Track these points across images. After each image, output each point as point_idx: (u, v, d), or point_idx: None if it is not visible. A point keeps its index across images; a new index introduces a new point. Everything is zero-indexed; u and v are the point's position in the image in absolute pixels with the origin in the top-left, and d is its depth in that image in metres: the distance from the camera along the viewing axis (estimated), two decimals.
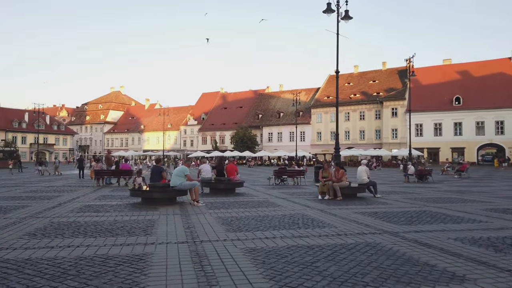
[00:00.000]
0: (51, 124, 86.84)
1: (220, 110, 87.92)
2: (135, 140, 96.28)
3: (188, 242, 5.17)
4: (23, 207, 8.94)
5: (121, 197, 11.53)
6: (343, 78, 75.98)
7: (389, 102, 64.23)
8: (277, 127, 76.27)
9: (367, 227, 6.38)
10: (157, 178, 10.26)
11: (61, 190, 13.92)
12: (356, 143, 67.22)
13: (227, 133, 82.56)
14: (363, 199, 10.82)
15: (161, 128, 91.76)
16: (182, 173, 9.46)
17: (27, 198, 11.06)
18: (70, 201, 10.39)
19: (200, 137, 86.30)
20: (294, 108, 75.87)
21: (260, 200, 10.61)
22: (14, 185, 17.03)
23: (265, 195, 12.15)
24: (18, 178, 23.79)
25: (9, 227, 6.27)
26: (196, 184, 9.51)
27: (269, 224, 6.63)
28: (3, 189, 14.63)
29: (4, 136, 73.64)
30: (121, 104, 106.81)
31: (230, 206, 9.26)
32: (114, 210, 8.55)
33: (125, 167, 16.70)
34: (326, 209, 8.65)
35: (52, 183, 18.50)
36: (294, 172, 17.60)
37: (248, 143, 72.08)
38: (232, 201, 10.47)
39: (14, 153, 51.22)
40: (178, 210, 8.57)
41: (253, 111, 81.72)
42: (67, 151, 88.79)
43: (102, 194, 12.54)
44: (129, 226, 6.49)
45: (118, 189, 14.88)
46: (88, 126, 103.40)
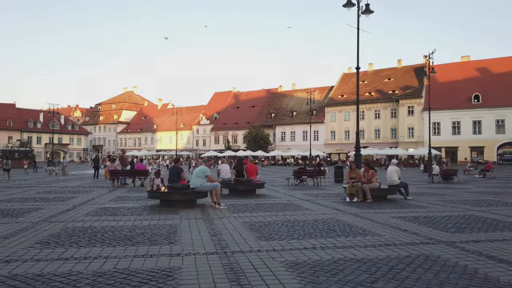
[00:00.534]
0: (65, 124, 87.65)
1: (233, 109, 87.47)
2: (148, 140, 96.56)
3: (218, 253, 4.56)
4: (36, 209, 8.47)
5: (137, 198, 11.02)
6: None
7: (405, 100, 62.82)
8: (290, 126, 75.45)
9: (415, 235, 5.68)
10: (175, 179, 9.70)
11: (76, 191, 13.50)
12: (371, 142, 65.98)
13: (239, 133, 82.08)
14: (395, 202, 10.08)
15: (173, 127, 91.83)
16: (202, 173, 8.88)
17: (41, 199, 10.63)
18: (85, 203, 9.91)
19: (212, 137, 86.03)
20: (308, 107, 74.99)
21: (284, 203, 9.96)
22: (29, 185, 16.73)
23: (287, 197, 11.49)
24: (32, 178, 23.62)
25: (20, 234, 5.76)
26: (218, 185, 8.91)
27: (303, 231, 5.98)
28: (17, 189, 14.29)
29: (20, 136, 74.51)
30: (134, 104, 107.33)
31: (254, 209, 8.64)
32: (132, 213, 8.01)
33: (141, 167, 16.23)
34: (360, 213, 7.95)
35: (66, 183, 18.17)
36: (314, 173, 16.89)
37: (261, 142, 71.46)
38: (255, 203, 9.85)
39: (29, 153, 51.59)
40: (199, 213, 7.99)
41: (266, 110, 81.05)
42: (81, 151, 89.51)
43: (117, 195, 12.06)
44: (149, 232, 5.92)
45: (134, 189, 14.41)
46: (101, 126, 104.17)
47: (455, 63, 65.71)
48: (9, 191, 13.62)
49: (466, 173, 28.08)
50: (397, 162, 11.39)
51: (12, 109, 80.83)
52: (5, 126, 76.91)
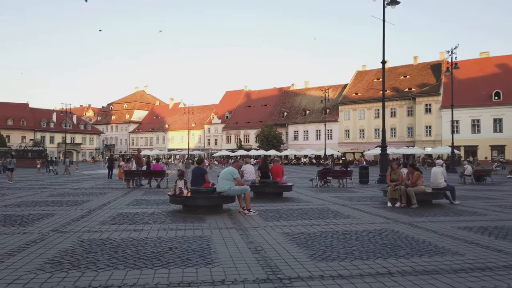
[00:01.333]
0: (78, 124, 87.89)
1: (244, 108, 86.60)
2: (159, 139, 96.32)
3: (272, 281, 3.60)
4: (47, 216, 7.63)
5: (156, 202, 10.14)
6: (372, 74, 73.19)
7: (422, 98, 61.12)
8: (303, 125, 74.24)
9: (503, 253, 4.64)
10: (199, 182, 8.78)
11: (90, 193, 12.70)
12: (387, 141, 64.15)
13: (251, 132, 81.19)
14: (443, 208, 9.00)
15: (185, 127, 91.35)
16: (230, 176, 7.93)
17: (53, 203, 9.82)
18: (101, 207, 9.05)
19: (224, 136, 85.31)
20: (321, 106, 73.70)
21: (319, 208, 8.97)
22: (41, 186, 16.03)
23: (318, 201, 10.50)
24: (45, 178, 23.02)
25: (27, 249, 4.88)
26: (248, 189, 7.96)
27: (361, 247, 4.98)
28: (29, 191, 13.56)
29: (33, 135, 74.83)
30: (146, 103, 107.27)
31: (289, 216, 7.67)
32: (154, 220, 7.11)
33: (157, 167, 15.40)
34: (415, 223, 6.91)
35: (80, 184, 17.44)
36: (340, 173, 15.83)
37: (273, 141, 70.47)
38: (286, 208, 8.88)
39: (42, 152, 51.50)
40: (229, 221, 7.04)
41: (278, 109, 79.97)
42: (94, 150, 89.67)
43: (134, 198, 11.20)
44: (179, 247, 4.99)
45: (151, 191, 13.57)
46: (113, 125, 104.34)
47: (474, 59, 63.69)
48: (19, 193, 12.89)
49: (493, 173, 26.66)
50: (442, 162, 10.16)
51: (25, 109, 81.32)
52: (18, 126, 77.37)
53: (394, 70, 71.52)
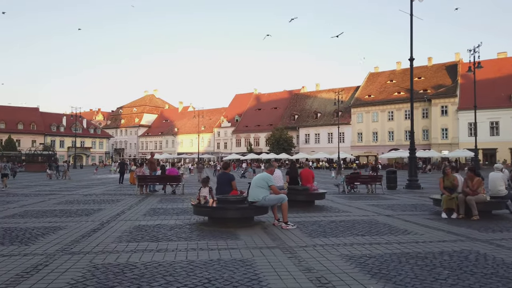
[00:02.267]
0: (87, 128, 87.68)
1: (254, 111, 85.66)
2: (169, 143, 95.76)
3: None
4: (54, 230, 6.57)
5: (175, 211, 9.05)
6: (385, 76, 71.75)
7: (438, 99, 59.48)
8: (314, 128, 72.92)
9: None
10: (226, 189, 7.66)
11: (101, 201, 11.66)
12: (401, 144, 62.75)
13: (261, 135, 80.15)
14: (505, 219, 7.76)
15: (194, 130, 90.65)
16: (265, 183, 6.80)
17: (61, 213, 8.77)
18: (115, 218, 7.98)
19: (234, 139, 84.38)
20: (332, 108, 72.32)
21: (365, 220, 7.78)
22: (49, 192, 15.07)
23: (357, 210, 9.31)
24: (54, 183, 22.13)
25: (26, 281, 3.79)
26: (285, 198, 6.82)
27: (458, 280, 3.80)
28: (36, 198, 12.57)
29: (43, 140, 74.65)
30: (155, 107, 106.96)
31: (335, 231, 6.51)
32: (178, 236, 6.00)
33: (173, 172, 14.33)
34: (495, 240, 5.69)
35: (90, 190, 16.46)
36: (369, 178, 14.61)
37: (284, 145, 69.32)
38: (326, 220, 7.72)
39: (52, 156, 51.03)
40: (267, 237, 5.91)
41: (289, 111, 78.84)
42: (103, 154, 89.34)
43: (150, 206, 10.11)
44: (219, 278, 3.86)
45: (166, 198, 12.49)
46: (123, 129, 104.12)
47: (491, 60, 61.84)
48: (25, 200, 11.91)
49: None
50: (502, 167, 8.85)
51: (35, 113, 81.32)
52: (28, 130, 77.31)
53: (408, 71, 69.78)
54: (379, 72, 74.41)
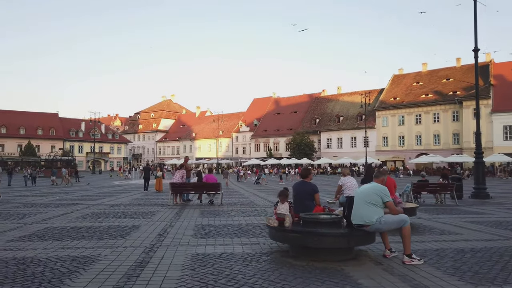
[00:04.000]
0: (106, 133, 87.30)
1: (273, 115, 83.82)
2: (186, 148, 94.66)
3: None
4: (85, 263, 4.74)
5: (231, 230, 7.16)
6: (410, 77, 68.99)
7: (470, 102, 56.33)
8: (336, 132, 70.49)
9: None
10: (307, 205, 5.71)
11: (132, 213, 9.87)
12: (430, 148, 59.85)
13: (281, 140, 78.22)
14: None
15: (212, 135, 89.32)
16: (379, 198, 4.83)
17: (89, 232, 6.98)
18: (158, 240, 6.14)
19: (253, 144, 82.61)
20: (355, 112, 69.85)
21: (498, 247, 5.72)
22: (71, 202, 13.42)
23: (467, 231, 7.19)
24: (75, 190, 20.61)
25: None
26: (407, 221, 4.84)
27: None
28: (57, 210, 10.88)
29: (62, 145, 74.34)
30: (172, 112, 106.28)
31: (483, 268, 4.50)
32: (264, 279, 4.08)
33: (211, 179, 12.47)
34: None
35: (116, 199, 14.76)
36: (439, 187, 12.46)
37: (305, 149, 67.14)
38: (448, 247, 5.69)
39: (71, 162, 50.21)
40: (402, 284, 3.93)
41: (309, 115, 76.66)
42: (121, 159, 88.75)
43: (195, 222, 8.24)
44: None
45: (206, 210, 10.63)
46: (140, 134, 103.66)
47: None
48: (45, 212, 10.23)
49: None
50: None
51: (55, 119, 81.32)
52: (48, 136, 77.23)
53: (435, 73, 67.10)
54: (403, 74, 71.69)
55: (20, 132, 74.34)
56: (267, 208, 11.11)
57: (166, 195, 17.00)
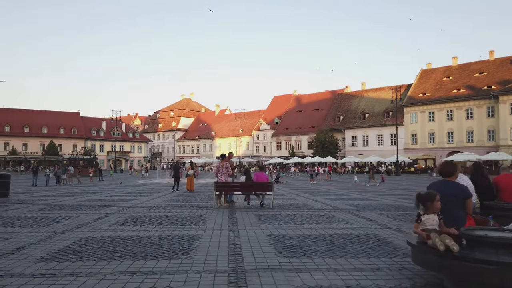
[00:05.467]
0: (126, 132, 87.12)
1: (295, 113, 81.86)
2: (206, 146, 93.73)
3: None
4: None
5: (322, 243, 5.50)
6: (440, 72, 65.92)
7: (506, 96, 53.15)
8: (362, 130, 68.01)
9: None
10: (456, 216, 3.97)
11: (177, 218, 8.32)
12: (463, 145, 56.82)
13: (303, 138, 76.24)
14: None
15: (232, 133, 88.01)
16: None
17: (137, 245, 5.45)
18: (238, 261, 4.53)
19: (274, 142, 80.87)
20: (382, 108, 67.22)
21: None
22: (101, 203, 12.01)
23: None
24: (102, 190, 19.35)
25: None
26: None
27: None
28: (89, 213, 9.44)
29: (84, 144, 74.31)
30: (192, 111, 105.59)
31: None
32: None
33: (262, 177, 10.82)
34: None
35: (148, 199, 13.30)
36: None
37: (329, 148, 64.89)
38: None
39: (93, 160, 49.57)
40: None
41: (333, 113, 74.35)
42: (142, 158, 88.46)
43: (266, 232, 6.58)
44: None
45: (267, 215, 8.98)
46: (160, 133, 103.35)
47: None
48: (77, 215, 8.80)
49: None
50: None
51: (76, 118, 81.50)
52: (70, 135, 77.40)
53: (466, 67, 63.87)
54: (432, 69, 68.64)
55: (43, 131, 74.66)
56: (332, 212, 9.42)
57: (199, 195, 15.52)
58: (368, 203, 12.10)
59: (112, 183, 27.59)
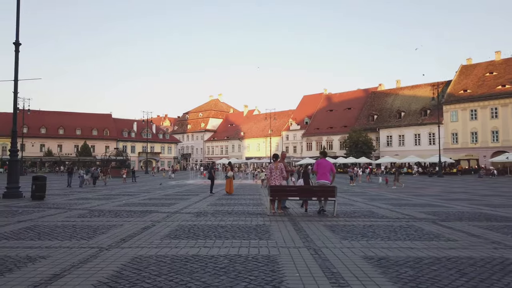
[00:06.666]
0: (157, 133, 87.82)
1: (325, 112, 79.74)
2: (235, 147, 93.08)
3: None
4: None
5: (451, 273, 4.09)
6: (482, 67, 62.09)
7: None
8: (397, 129, 65.07)
9: None
10: None
11: (236, 230, 7.08)
12: (509, 145, 53.09)
13: (335, 138, 74.04)
14: None
15: (261, 134, 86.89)
16: None
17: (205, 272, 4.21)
18: None
19: (304, 143, 79.08)
20: (419, 106, 64.13)
21: None
22: (142, 208, 10.99)
23: None
24: (136, 192, 18.51)
25: None
26: None
27: None
28: (131, 221, 8.38)
29: (116, 145, 75.26)
30: (220, 111, 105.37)
31: None
32: None
33: (325, 167, 9.33)
34: None
35: (192, 203, 12.19)
36: None
37: (363, 148, 62.44)
38: None
39: (125, 161, 49.68)
40: None
41: (366, 112, 71.73)
42: (172, 159, 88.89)
43: (354, 250, 5.20)
44: None
45: (337, 225, 7.60)
46: (189, 134, 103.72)
47: None
48: (120, 226, 7.73)
49: None
50: None
51: (108, 119, 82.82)
52: (102, 136, 78.68)
53: (511, 61, 59.82)
54: (473, 64, 64.88)
55: (77, 133, 76.25)
56: (413, 223, 7.92)
57: (241, 198, 14.28)
58: (440, 210, 10.50)
59: (145, 184, 26.97)
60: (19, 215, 9.20)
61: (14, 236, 6.31)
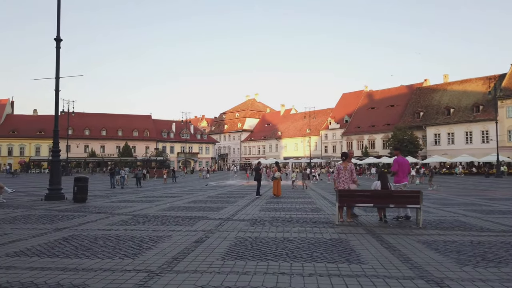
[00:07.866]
0: (195, 134, 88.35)
1: (366, 110, 76.51)
2: (272, 147, 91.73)
3: None
4: None
5: None
6: None
7: None
8: (446, 127, 60.93)
9: None
10: None
11: (307, 244, 5.74)
12: None
13: (377, 137, 70.73)
14: None
15: (298, 133, 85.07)
16: None
17: None
18: None
19: (344, 142, 76.27)
20: (469, 102, 59.77)
21: None
22: (187, 212, 9.90)
23: None
24: (179, 193, 17.62)
25: None
26: None
27: None
28: (180, 230, 7.26)
29: (155, 145, 76.29)
30: (257, 111, 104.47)
31: None
32: None
33: (406, 165, 7.74)
34: None
35: (241, 208, 10.96)
36: None
37: (409, 146, 58.89)
38: None
39: (165, 162, 49.79)
40: None
41: (411, 109, 67.89)
42: (210, 159, 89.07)
43: (493, 284, 3.71)
44: None
45: (432, 241, 6.04)
46: (226, 134, 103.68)
47: None
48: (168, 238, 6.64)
49: None
50: None
51: (148, 120, 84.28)
52: (142, 137, 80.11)
53: None
54: None
55: (118, 134, 78.08)
56: None
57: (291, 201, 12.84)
58: None
59: (186, 185, 26.28)
60: (58, 221, 8.37)
61: (47, 251, 5.32)
